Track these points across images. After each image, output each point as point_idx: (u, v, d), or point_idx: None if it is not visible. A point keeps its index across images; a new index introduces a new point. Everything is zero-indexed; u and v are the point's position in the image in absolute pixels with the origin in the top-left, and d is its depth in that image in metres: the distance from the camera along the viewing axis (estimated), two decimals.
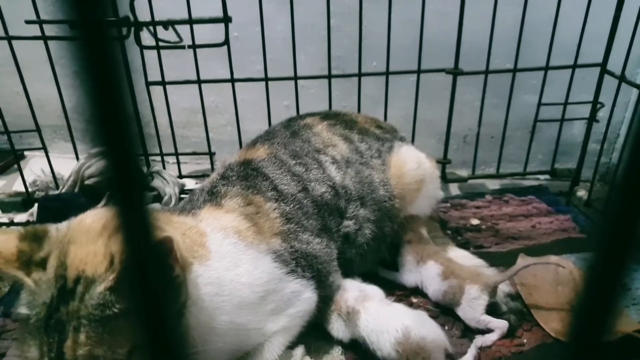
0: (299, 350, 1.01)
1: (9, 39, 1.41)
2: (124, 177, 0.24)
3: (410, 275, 1.23)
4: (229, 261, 0.88)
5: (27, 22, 1.38)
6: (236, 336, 0.89)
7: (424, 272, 1.19)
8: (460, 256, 1.28)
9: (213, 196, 1.02)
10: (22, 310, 0.66)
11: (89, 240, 0.68)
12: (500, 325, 1.07)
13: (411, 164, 1.29)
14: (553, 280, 1.22)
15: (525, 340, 1.07)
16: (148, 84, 1.55)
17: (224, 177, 1.08)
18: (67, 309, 0.65)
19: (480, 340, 1.05)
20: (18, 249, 0.67)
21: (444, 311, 1.14)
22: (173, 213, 0.98)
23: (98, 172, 1.49)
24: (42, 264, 0.67)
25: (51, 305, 0.65)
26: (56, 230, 0.72)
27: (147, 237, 0.25)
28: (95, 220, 0.73)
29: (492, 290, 1.09)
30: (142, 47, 1.48)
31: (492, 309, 1.10)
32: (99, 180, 1.48)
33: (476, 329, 1.08)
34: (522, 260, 1.27)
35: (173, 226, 0.86)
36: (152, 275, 0.27)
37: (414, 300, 1.19)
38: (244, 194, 1.02)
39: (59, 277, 0.66)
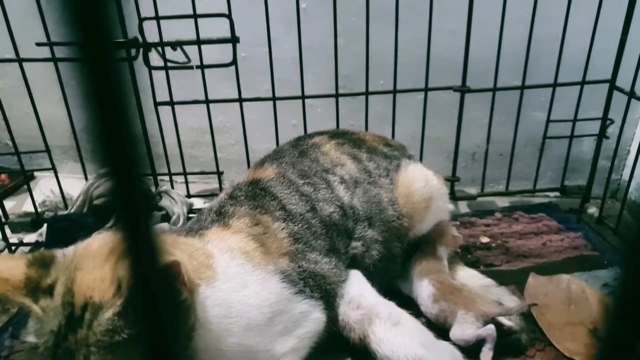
0: None
1: (20, 61, 1.43)
2: (130, 200, 0.24)
3: (409, 285, 1.21)
4: (236, 282, 0.87)
5: (38, 44, 1.40)
6: (245, 359, 0.88)
7: (418, 288, 1.17)
8: (469, 276, 1.26)
9: (221, 216, 1.01)
10: (30, 338, 0.65)
11: (95, 266, 0.68)
12: (488, 331, 1.03)
13: (419, 183, 1.28)
14: (565, 299, 1.20)
15: None
16: (157, 104, 1.56)
17: (232, 196, 1.08)
18: (75, 337, 0.64)
19: (484, 357, 1.03)
20: (26, 275, 0.66)
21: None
22: (180, 234, 0.98)
23: (107, 192, 1.49)
24: (50, 291, 0.66)
25: (59, 334, 0.64)
26: (63, 255, 0.71)
27: (153, 261, 0.25)
28: (101, 245, 0.72)
29: (489, 320, 1.05)
30: (151, 68, 1.49)
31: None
32: (108, 200, 1.49)
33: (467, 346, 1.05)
34: (533, 280, 1.26)
35: (180, 248, 0.85)
36: (159, 299, 0.26)
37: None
38: (252, 213, 1.02)
39: (67, 304, 0.65)
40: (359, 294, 1.06)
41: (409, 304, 1.17)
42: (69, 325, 0.64)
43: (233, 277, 0.87)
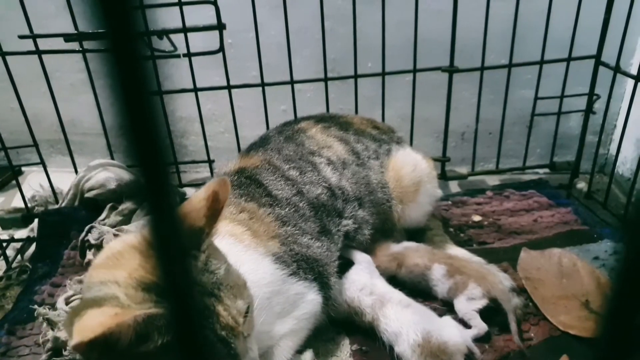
0: (308, 355, 1.00)
1: (3, 54, 1.41)
2: (161, 186, 0.25)
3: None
4: (232, 260, 0.88)
5: (21, 37, 1.38)
6: None
7: (428, 273, 1.18)
8: (459, 254, 1.27)
9: None
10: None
11: (128, 263, 0.70)
12: (479, 326, 1.06)
13: (408, 168, 1.30)
14: (557, 273, 1.22)
15: (532, 335, 1.07)
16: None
17: None
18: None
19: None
20: (116, 303, 0.67)
21: (450, 309, 1.14)
22: None
23: (98, 184, 1.48)
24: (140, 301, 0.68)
25: None
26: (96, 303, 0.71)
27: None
28: (109, 256, 0.75)
29: (493, 299, 1.08)
30: None
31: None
32: (100, 193, 1.48)
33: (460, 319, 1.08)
34: (525, 255, 1.27)
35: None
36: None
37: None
38: (237, 202, 1.03)
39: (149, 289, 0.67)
40: (372, 282, 1.10)
41: None
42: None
43: (227, 255, 0.87)
